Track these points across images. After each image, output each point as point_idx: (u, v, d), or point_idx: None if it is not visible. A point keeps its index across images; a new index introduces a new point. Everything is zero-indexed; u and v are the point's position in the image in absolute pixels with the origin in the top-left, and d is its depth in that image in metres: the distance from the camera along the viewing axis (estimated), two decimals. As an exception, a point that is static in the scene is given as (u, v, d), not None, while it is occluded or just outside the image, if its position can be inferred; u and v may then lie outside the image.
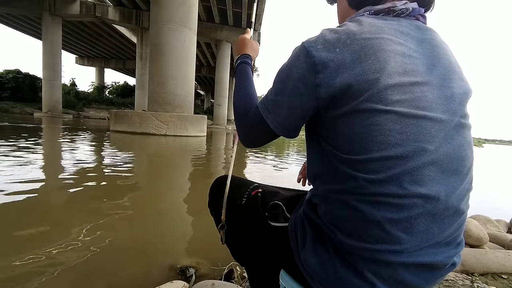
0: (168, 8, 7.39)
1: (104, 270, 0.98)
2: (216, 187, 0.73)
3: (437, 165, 0.37)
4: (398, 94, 0.37)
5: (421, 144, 0.36)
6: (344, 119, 0.39)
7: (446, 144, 0.38)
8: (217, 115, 18.80)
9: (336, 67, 0.39)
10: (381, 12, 0.45)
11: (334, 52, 0.39)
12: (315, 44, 0.41)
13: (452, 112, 0.39)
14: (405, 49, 0.40)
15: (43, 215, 1.44)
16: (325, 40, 0.40)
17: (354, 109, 0.38)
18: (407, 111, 0.37)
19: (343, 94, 0.39)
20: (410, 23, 0.44)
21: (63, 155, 3.36)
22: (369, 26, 0.41)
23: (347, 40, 0.39)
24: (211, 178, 1.26)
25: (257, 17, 15.14)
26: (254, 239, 0.62)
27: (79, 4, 14.33)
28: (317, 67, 0.39)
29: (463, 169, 0.40)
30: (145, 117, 7.11)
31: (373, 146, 0.37)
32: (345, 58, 0.39)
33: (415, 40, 0.42)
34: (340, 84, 0.38)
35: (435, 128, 0.37)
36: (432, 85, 0.39)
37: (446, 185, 0.38)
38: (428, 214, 0.37)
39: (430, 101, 0.38)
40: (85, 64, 29.82)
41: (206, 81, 36.63)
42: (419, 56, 0.41)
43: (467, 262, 1.11)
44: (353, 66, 0.38)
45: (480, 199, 2.85)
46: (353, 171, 0.38)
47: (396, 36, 0.40)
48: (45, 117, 13.71)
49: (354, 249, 0.38)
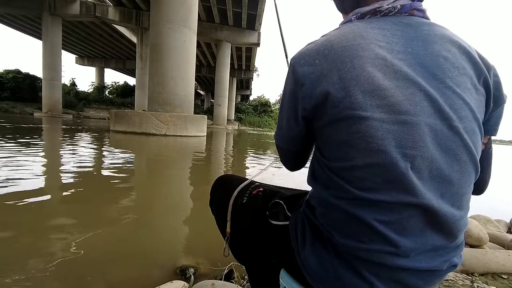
0: (168, 8, 7.39)
1: (104, 270, 0.97)
2: (217, 186, 0.73)
3: (424, 171, 0.36)
4: (377, 99, 0.36)
5: (404, 150, 0.35)
6: (329, 127, 0.40)
7: (433, 149, 0.36)
8: (217, 115, 18.81)
9: (316, 78, 0.40)
10: (367, 14, 0.43)
11: (314, 64, 0.40)
12: (298, 60, 0.43)
13: (441, 114, 0.36)
14: (386, 52, 0.38)
15: (43, 215, 1.44)
16: (306, 54, 0.42)
17: (337, 117, 0.38)
18: (387, 116, 0.36)
19: (324, 103, 0.39)
20: (399, 21, 0.41)
21: (63, 155, 3.36)
22: (348, 33, 0.40)
23: (325, 51, 0.40)
24: (212, 177, 1.27)
25: (257, 17, 15.13)
26: (255, 238, 0.62)
27: (79, 4, 14.33)
28: (301, 81, 0.41)
29: (455, 174, 0.37)
30: (145, 117, 7.10)
31: (357, 154, 0.37)
32: (323, 68, 0.39)
33: (403, 39, 0.40)
34: (320, 93, 0.39)
35: (419, 132, 0.35)
36: (419, 87, 0.37)
37: (436, 190, 0.37)
38: (421, 218, 0.37)
39: (415, 104, 0.36)
40: (85, 64, 29.82)
41: (206, 81, 36.62)
42: (407, 56, 0.38)
43: (467, 262, 1.11)
44: (331, 75, 0.38)
45: (480, 199, 2.85)
46: (340, 178, 0.39)
47: (377, 39, 0.39)
48: (45, 117, 13.70)
49: (351, 250, 0.38)
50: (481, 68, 0.41)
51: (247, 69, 27.72)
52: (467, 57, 0.40)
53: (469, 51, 0.41)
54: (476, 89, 0.40)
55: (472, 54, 0.41)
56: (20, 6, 14.18)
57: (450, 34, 0.41)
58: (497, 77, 0.43)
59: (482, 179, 0.45)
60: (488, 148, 0.49)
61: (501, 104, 0.45)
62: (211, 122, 17.80)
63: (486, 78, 0.41)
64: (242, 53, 21.86)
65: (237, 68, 27.08)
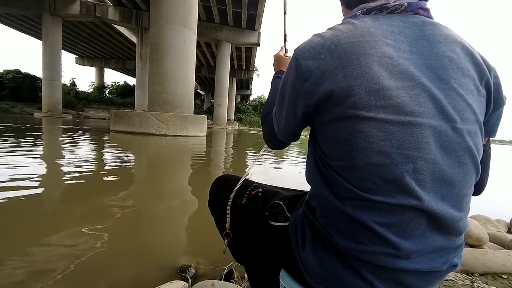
0: (168, 8, 7.39)
1: (104, 270, 0.97)
2: (216, 187, 0.73)
3: (426, 173, 0.35)
4: (383, 99, 0.35)
5: (406, 151, 0.35)
6: (331, 125, 0.39)
7: (435, 150, 0.36)
8: (217, 115, 18.82)
9: (321, 74, 0.39)
10: (373, 10, 0.42)
11: (319, 59, 0.39)
12: (303, 52, 0.41)
13: (445, 116, 0.36)
14: (393, 50, 0.37)
15: (42, 215, 1.44)
16: (311, 47, 0.41)
17: (340, 115, 0.38)
18: (391, 117, 0.35)
19: (327, 101, 0.38)
20: (405, 20, 0.41)
21: (63, 155, 3.35)
22: (355, 28, 0.39)
23: (331, 46, 0.39)
24: (211, 177, 1.27)
25: (257, 17, 15.13)
26: (255, 239, 0.61)
27: (79, 4, 14.33)
28: (304, 75, 0.40)
29: (457, 176, 0.37)
30: (145, 117, 7.11)
31: (358, 153, 0.37)
32: (328, 64, 0.38)
33: (409, 38, 0.39)
34: (324, 91, 0.38)
35: (422, 134, 0.35)
36: (424, 88, 0.36)
37: (437, 192, 0.36)
38: (421, 220, 0.36)
39: (419, 105, 0.36)
40: (85, 64, 29.83)
41: (206, 81, 36.63)
42: (412, 56, 0.38)
43: (467, 262, 1.11)
44: (336, 72, 0.37)
45: (480, 199, 2.84)
46: (340, 177, 0.39)
47: (384, 37, 0.38)
48: (45, 117, 13.71)
49: (352, 251, 0.38)
50: (483, 70, 0.41)
51: (247, 69, 27.72)
52: (470, 58, 0.40)
53: (472, 52, 0.41)
54: (478, 90, 0.40)
55: (475, 55, 0.41)
56: (20, 6, 14.18)
57: (454, 35, 0.41)
58: (497, 78, 0.43)
59: (481, 180, 0.45)
60: (487, 149, 0.49)
61: (501, 106, 0.45)
62: (211, 122, 17.80)
63: (488, 80, 0.41)
64: (242, 53, 21.86)
65: (237, 68, 27.09)
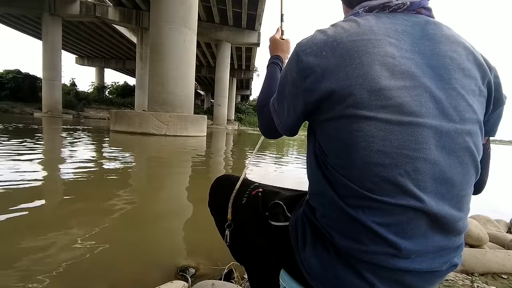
0: (168, 8, 7.39)
1: (104, 270, 0.98)
2: (216, 187, 0.73)
3: (426, 173, 0.35)
4: (384, 99, 0.35)
5: (406, 152, 0.35)
6: (331, 123, 0.39)
7: (436, 151, 0.36)
8: (217, 115, 18.81)
9: (322, 72, 0.38)
10: (376, 9, 0.42)
11: (321, 56, 0.39)
12: (304, 48, 0.41)
13: (446, 116, 0.36)
14: (395, 50, 0.37)
15: (42, 215, 1.44)
16: (314, 43, 0.40)
17: (340, 114, 0.38)
18: (391, 117, 0.35)
19: (327, 99, 0.38)
20: (408, 19, 0.40)
21: (63, 155, 3.35)
22: (358, 26, 0.39)
23: (333, 43, 0.38)
24: (211, 178, 1.26)
25: (257, 17, 15.13)
26: (255, 239, 0.61)
27: (79, 4, 14.32)
28: (306, 72, 0.40)
29: (457, 176, 0.37)
30: (145, 117, 7.10)
31: (357, 153, 0.36)
32: (330, 62, 0.38)
33: (411, 37, 0.39)
34: (324, 89, 0.38)
35: (423, 134, 0.35)
36: (425, 88, 0.36)
37: (436, 192, 0.36)
38: (421, 220, 0.36)
39: (421, 105, 0.36)
40: (85, 64, 29.81)
41: (206, 81, 36.61)
42: (414, 55, 0.38)
43: (467, 262, 1.11)
44: (338, 71, 0.37)
45: (480, 199, 2.85)
46: (340, 176, 0.39)
47: (387, 36, 0.38)
48: (45, 117, 13.71)
49: (352, 251, 0.38)
50: (485, 70, 0.41)
51: (247, 69, 27.72)
52: (472, 58, 0.40)
53: (474, 52, 0.41)
54: (480, 90, 0.40)
55: (477, 55, 0.41)
56: (20, 6, 14.16)
57: (456, 35, 0.41)
58: (497, 78, 0.43)
59: (480, 179, 0.45)
60: (487, 149, 0.49)
61: (501, 106, 0.45)
62: (211, 122, 17.79)
63: (489, 80, 0.41)
64: (242, 53, 21.86)
65: (237, 68, 27.07)
